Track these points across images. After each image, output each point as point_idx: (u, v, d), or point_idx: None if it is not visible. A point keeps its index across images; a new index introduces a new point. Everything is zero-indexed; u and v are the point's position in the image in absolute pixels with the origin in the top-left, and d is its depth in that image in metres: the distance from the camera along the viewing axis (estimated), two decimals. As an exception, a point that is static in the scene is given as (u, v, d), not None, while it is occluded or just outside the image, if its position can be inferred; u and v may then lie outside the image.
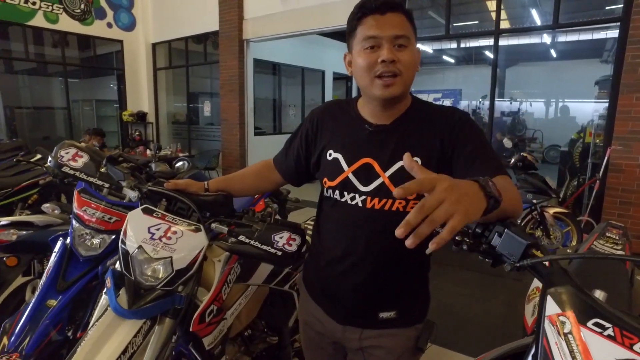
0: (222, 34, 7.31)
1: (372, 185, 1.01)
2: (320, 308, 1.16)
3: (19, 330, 1.42)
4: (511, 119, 10.86)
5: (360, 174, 1.02)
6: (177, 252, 1.16)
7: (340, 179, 1.05)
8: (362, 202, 1.02)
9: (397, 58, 0.93)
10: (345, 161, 1.05)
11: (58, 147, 1.31)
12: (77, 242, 1.59)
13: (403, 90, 0.97)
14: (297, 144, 1.20)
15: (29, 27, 7.31)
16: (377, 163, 1.01)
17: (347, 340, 1.11)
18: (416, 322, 1.11)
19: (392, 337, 1.08)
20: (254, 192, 1.45)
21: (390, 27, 0.93)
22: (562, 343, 0.58)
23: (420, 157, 0.98)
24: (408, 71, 0.96)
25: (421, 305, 1.13)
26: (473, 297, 3.27)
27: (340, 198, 1.06)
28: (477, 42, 10.76)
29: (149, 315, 1.12)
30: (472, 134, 0.99)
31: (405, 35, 0.94)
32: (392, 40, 0.94)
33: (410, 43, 0.96)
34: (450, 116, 1.01)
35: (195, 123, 9.51)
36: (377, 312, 1.07)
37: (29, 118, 8.97)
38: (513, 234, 0.74)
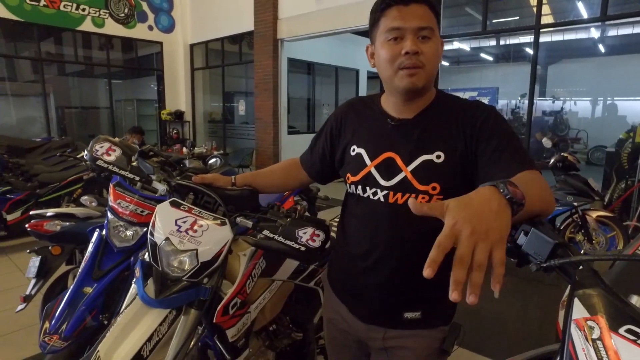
0: (257, 34, 7.43)
1: (395, 180, 0.99)
2: (344, 306, 1.15)
3: (59, 314, 1.51)
4: (553, 118, 10.39)
5: (382, 168, 1.01)
6: (202, 244, 1.18)
7: (363, 174, 1.04)
8: (384, 197, 1.00)
9: (421, 50, 0.92)
10: (368, 156, 1.04)
11: (93, 141, 1.38)
12: (111, 233, 1.67)
13: (426, 82, 0.95)
14: (322, 142, 1.21)
15: (78, 32, 7.76)
16: (400, 157, 0.99)
17: (370, 339, 1.10)
18: (442, 324, 1.08)
19: (416, 338, 1.05)
20: (280, 189, 1.45)
21: (413, 18, 0.92)
22: (589, 349, 0.54)
23: (443, 151, 0.96)
24: (431, 63, 0.94)
25: (448, 306, 1.10)
26: (506, 301, 3.15)
27: (362, 194, 1.05)
28: (517, 38, 10.37)
29: (175, 305, 1.15)
30: (497, 128, 0.95)
31: (429, 26, 0.93)
32: (416, 32, 0.92)
33: (433, 35, 0.94)
34: (475, 110, 0.97)
35: (231, 122, 9.72)
36: (402, 312, 1.04)
37: (76, 117, 9.49)
38: (540, 232, 0.71)
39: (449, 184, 0.95)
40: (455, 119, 0.98)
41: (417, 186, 0.96)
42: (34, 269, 2.11)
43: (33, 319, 2.52)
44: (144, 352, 1.04)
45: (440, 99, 1.04)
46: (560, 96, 10.76)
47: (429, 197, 0.96)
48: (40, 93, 7.66)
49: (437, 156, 0.96)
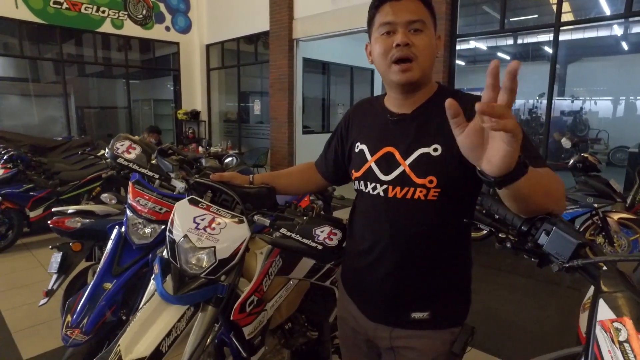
0: (272, 34, 7.47)
1: (393, 174, 1.00)
2: (354, 304, 1.15)
3: (80, 309, 1.54)
4: (572, 118, 10.16)
5: (381, 163, 1.03)
6: (220, 242, 1.19)
7: (364, 169, 1.06)
8: (383, 191, 1.01)
9: (412, 42, 0.94)
10: (368, 151, 1.06)
11: (114, 139, 1.41)
12: (130, 230, 1.69)
13: (421, 75, 0.96)
14: (335, 144, 1.24)
15: (98, 34, 7.92)
16: (398, 151, 1.00)
17: (378, 338, 1.10)
18: (452, 326, 1.05)
19: (424, 339, 1.04)
20: (297, 191, 1.47)
21: (405, 12, 0.94)
22: (616, 352, 0.53)
23: (440, 144, 0.95)
24: (424, 55, 0.95)
25: (458, 307, 1.07)
26: (523, 303, 3.09)
27: (364, 189, 1.07)
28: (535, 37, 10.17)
29: (193, 301, 1.17)
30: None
31: (420, 19, 0.94)
32: (407, 25, 0.94)
33: (426, 27, 0.95)
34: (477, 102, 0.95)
35: (246, 121, 9.78)
36: (409, 312, 1.03)
37: (95, 117, 9.69)
38: (562, 232, 0.70)
39: (446, 177, 0.94)
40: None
41: (415, 179, 0.96)
42: (55, 265, 2.17)
43: (54, 313, 2.58)
44: (162, 347, 1.06)
45: (441, 93, 1.03)
46: (579, 95, 10.51)
47: (426, 190, 0.96)
48: (61, 94, 7.85)
49: (434, 149, 0.96)
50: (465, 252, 1.07)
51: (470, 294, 1.09)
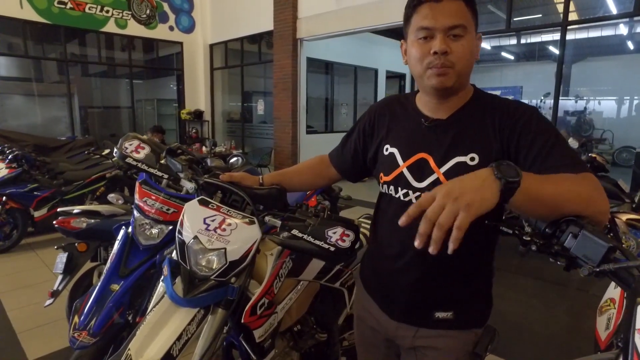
0: (276, 34, 7.45)
1: (427, 181, 0.97)
2: (375, 304, 1.14)
3: (87, 310, 1.52)
4: (576, 118, 10.11)
5: (414, 169, 0.99)
6: (231, 243, 1.17)
7: (395, 174, 1.03)
8: (416, 199, 0.97)
9: (450, 49, 0.88)
10: (400, 156, 1.03)
11: (123, 139, 1.39)
12: (137, 231, 1.67)
13: (456, 81, 0.92)
14: (355, 138, 1.20)
15: (102, 33, 7.93)
16: (433, 158, 0.97)
17: (399, 337, 1.09)
18: (475, 326, 1.05)
19: (447, 338, 1.03)
20: (308, 187, 1.43)
21: (444, 16, 0.88)
22: (656, 361, 0.51)
23: (477, 153, 0.92)
24: (462, 62, 0.90)
25: (481, 308, 1.07)
26: (530, 305, 3.06)
27: (394, 194, 1.03)
28: (539, 37, 10.11)
29: (203, 304, 1.15)
30: (540, 129, 0.90)
31: (461, 24, 0.88)
32: (446, 31, 0.89)
33: (467, 32, 0.90)
34: (514, 111, 0.93)
35: (249, 121, 9.77)
36: (433, 312, 1.02)
37: (99, 117, 9.70)
38: (591, 235, 0.67)
39: None
40: (492, 119, 0.94)
41: None
42: (61, 265, 2.15)
43: (60, 314, 2.57)
44: (173, 351, 1.04)
45: (477, 99, 1.00)
46: (584, 95, 10.46)
47: None
48: (65, 93, 7.85)
49: (471, 158, 0.93)
50: (490, 258, 1.06)
51: (492, 297, 1.09)
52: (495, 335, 1.06)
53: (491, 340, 1.05)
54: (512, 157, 0.91)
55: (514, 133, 0.90)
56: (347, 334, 1.83)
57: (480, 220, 0.92)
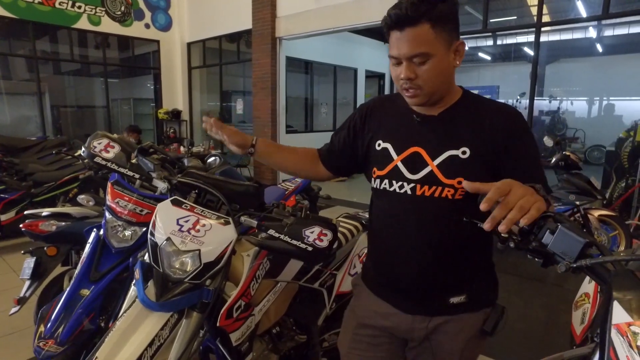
0: (255, 32, 7.37)
1: (421, 173, 1.02)
2: (386, 303, 1.13)
3: (54, 317, 1.45)
4: (550, 118, 10.38)
5: (408, 162, 1.04)
6: (205, 244, 1.14)
7: (390, 168, 1.06)
8: (411, 189, 1.03)
9: (416, 74, 0.95)
10: (394, 150, 1.07)
11: (91, 137, 1.33)
12: (109, 233, 1.61)
13: (428, 99, 1.00)
14: (345, 134, 1.22)
15: (74, 30, 7.66)
16: (426, 152, 1.02)
17: (414, 331, 1.09)
18: (485, 306, 1.10)
19: (459, 322, 1.07)
20: (293, 170, 1.36)
21: (407, 46, 0.93)
22: (635, 357, 0.50)
23: (468, 147, 0.98)
24: (428, 84, 0.96)
25: (490, 288, 1.13)
26: (508, 301, 3.11)
27: (389, 187, 1.07)
28: (515, 39, 10.35)
29: (177, 308, 1.11)
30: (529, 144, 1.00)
31: (421, 52, 0.92)
32: (409, 59, 0.94)
33: (430, 56, 0.93)
34: (509, 117, 1.01)
35: (228, 121, 9.64)
36: (447, 298, 1.05)
37: (72, 116, 9.40)
38: (568, 231, 0.67)
39: (473, 179, 0.95)
40: (483, 118, 1.00)
41: (443, 180, 0.99)
42: (28, 270, 2.06)
43: (27, 322, 2.45)
44: (145, 358, 0.99)
45: (467, 98, 1.06)
46: (557, 96, 10.76)
47: (454, 190, 0.98)
48: (35, 92, 7.56)
49: (463, 152, 0.99)
50: (489, 238, 1.10)
51: (496, 275, 1.15)
52: (503, 313, 1.09)
53: (499, 317, 1.08)
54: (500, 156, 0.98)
55: (509, 138, 0.98)
56: (327, 335, 1.81)
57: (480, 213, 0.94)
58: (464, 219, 0.87)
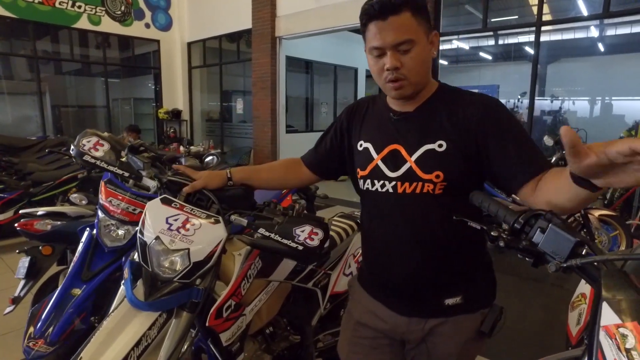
0: (254, 32, 7.37)
1: (401, 170, 1.01)
2: (381, 304, 1.12)
3: (45, 317, 1.44)
4: (552, 117, 10.34)
5: (388, 160, 1.04)
6: (194, 243, 1.12)
7: (371, 167, 1.06)
8: (392, 187, 1.02)
9: (401, 63, 0.94)
10: (374, 149, 1.07)
11: (80, 135, 1.32)
12: (102, 232, 1.60)
13: (414, 89, 0.99)
14: (332, 136, 1.23)
15: (74, 30, 7.68)
16: (404, 148, 1.02)
17: (411, 332, 1.08)
18: (482, 307, 1.07)
19: (456, 323, 1.05)
20: (279, 185, 1.44)
21: (390, 35, 0.92)
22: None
23: (444, 140, 0.98)
24: (414, 72, 0.96)
25: (488, 289, 1.11)
26: (507, 301, 3.08)
27: (371, 187, 1.07)
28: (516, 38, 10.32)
29: (165, 307, 1.09)
30: (508, 122, 0.97)
31: (406, 39, 0.93)
32: (395, 47, 0.94)
33: (415, 44, 0.94)
34: (480, 103, 0.99)
35: (229, 121, 9.64)
36: (443, 299, 1.04)
37: (73, 116, 9.42)
38: (559, 229, 0.65)
39: (452, 172, 0.98)
40: (457, 109, 0.99)
41: (421, 175, 0.98)
42: (23, 270, 2.05)
43: (22, 322, 2.44)
44: (131, 358, 0.98)
45: (442, 91, 1.05)
46: (559, 95, 10.71)
47: (433, 185, 0.98)
48: (36, 92, 7.57)
49: (439, 145, 0.98)
50: (482, 237, 1.08)
51: (494, 274, 1.13)
52: (501, 313, 1.06)
53: (497, 318, 1.05)
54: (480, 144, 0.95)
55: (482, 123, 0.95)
56: (322, 335, 1.79)
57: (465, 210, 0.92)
58: (454, 217, 0.85)
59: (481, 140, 0.95)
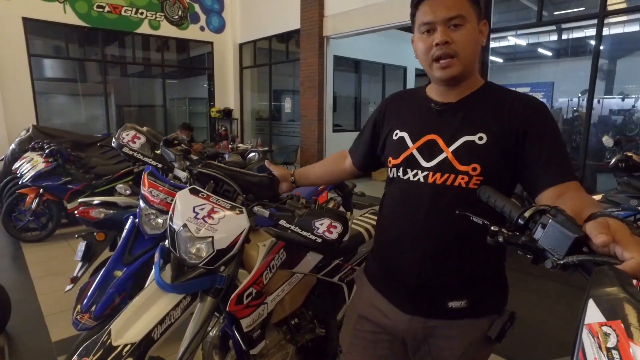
0: (303, 32, 7.48)
1: (435, 160, 0.99)
2: (385, 299, 1.11)
3: (90, 294, 1.59)
4: (622, 117, 9.51)
5: (424, 150, 1.02)
6: (218, 232, 1.18)
7: (404, 156, 1.05)
8: (424, 177, 1.00)
9: (452, 39, 0.93)
10: (410, 139, 1.06)
11: (121, 129, 1.44)
12: (143, 220, 1.73)
13: (462, 69, 0.96)
14: (369, 129, 1.24)
15: (137, 35, 8.25)
16: (442, 138, 1.00)
17: (412, 331, 1.06)
18: (491, 313, 1.04)
19: (462, 327, 1.02)
20: (332, 178, 1.47)
21: (442, 9, 0.93)
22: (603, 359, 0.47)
23: (485, 133, 0.96)
24: (465, 50, 0.95)
25: (497, 295, 1.07)
26: (553, 310, 2.92)
27: (403, 176, 1.05)
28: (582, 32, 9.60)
29: (188, 290, 1.17)
30: (548, 129, 0.95)
31: (459, 14, 0.93)
32: (446, 22, 0.94)
33: (466, 21, 0.94)
34: (527, 102, 0.97)
35: (278, 119, 9.86)
36: (446, 301, 1.01)
37: (134, 115, 10.09)
38: (559, 225, 0.62)
39: (490, 165, 0.95)
40: (502, 105, 0.97)
41: (458, 166, 0.96)
42: (80, 253, 2.26)
43: (80, 300, 2.68)
44: (154, 334, 1.06)
45: (488, 87, 1.04)
46: (630, 93, 9.82)
47: (468, 177, 0.96)
48: (103, 93, 8.23)
49: (480, 137, 0.96)
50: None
51: (506, 280, 1.08)
52: (512, 319, 1.02)
53: (506, 323, 1.01)
54: (520, 142, 0.94)
55: (523, 122, 0.94)
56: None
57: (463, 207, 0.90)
58: (457, 211, 0.83)
59: (521, 139, 0.94)
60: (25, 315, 2.75)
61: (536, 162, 0.92)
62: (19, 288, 3.19)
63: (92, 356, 0.98)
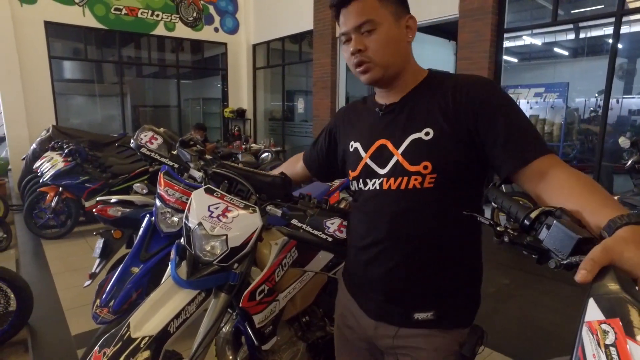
0: (316, 33, 7.52)
1: (389, 166, 0.96)
2: (355, 302, 1.10)
3: (109, 290, 1.65)
4: (640, 117, 9.29)
5: (377, 157, 1.00)
6: (232, 230, 1.22)
7: (361, 167, 1.03)
8: (379, 185, 0.98)
9: (365, 45, 0.93)
10: (362, 148, 1.04)
11: (139, 130, 1.49)
12: (159, 219, 1.78)
13: (383, 72, 0.95)
14: (323, 139, 1.25)
15: (152, 36, 8.40)
16: (390, 142, 0.97)
17: (379, 338, 1.04)
18: (460, 326, 0.99)
19: (430, 338, 0.97)
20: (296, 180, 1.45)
21: (352, 17, 0.93)
22: (601, 356, 0.48)
23: (431, 127, 0.92)
24: (378, 54, 0.93)
25: (465, 308, 1.01)
26: (565, 313, 2.89)
27: (364, 187, 1.03)
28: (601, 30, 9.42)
29: (203, 286, 1.21)
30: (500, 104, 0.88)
31: (367, 20, 0.92)
32: (357, 30, 0.93)
33: (377, 24, 0.92)
34: (472, 83, 0.92)
35: (290, 120, 9.91)
36: (412, 312, 0.97)
37: (149, 115, 10.27)
38: (563, 226, 0.64)
39: (441, 161, 0.90)
40: (445, 93, 0.92)
41: (408, 167, 0.93)
42: (98, 250, 2.33)
43: (99, 296, 2.76)
44: (171, 327, 1.10)
45: (431, 79, 1.00)
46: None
47: (421, 177, 0.91)
48: (119, 93, 8.40)
49: (426, 133, 0.92)
50: (473, 248, 1.01)
51: (479, 294, 1.03)
52: (483, 336, 1.00)
53: (479, 341, 0.99)
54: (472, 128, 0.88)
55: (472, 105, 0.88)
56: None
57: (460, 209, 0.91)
58: (464, 212, 0.84)
59: (473, 123, 0.88)
60: (46, 309, 2.85)
61: (495, 146, 0.86)
62: (40, 283, 3.30)
63: (112, 347, 1.02)
